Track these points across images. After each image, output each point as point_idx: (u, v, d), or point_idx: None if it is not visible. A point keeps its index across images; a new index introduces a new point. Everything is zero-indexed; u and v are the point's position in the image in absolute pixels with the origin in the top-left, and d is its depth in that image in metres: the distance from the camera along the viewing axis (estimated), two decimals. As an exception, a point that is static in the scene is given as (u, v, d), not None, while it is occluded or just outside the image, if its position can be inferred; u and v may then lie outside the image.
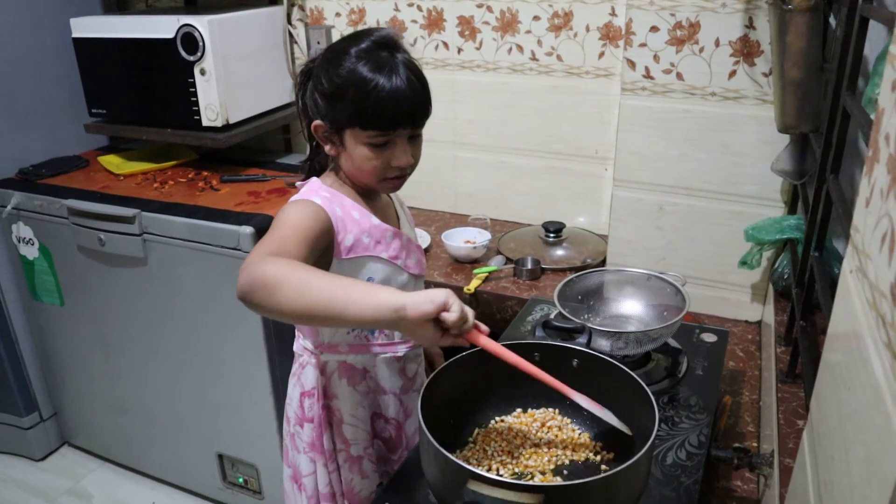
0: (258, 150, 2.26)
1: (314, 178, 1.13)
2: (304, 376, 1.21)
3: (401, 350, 1.20)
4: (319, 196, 1.07)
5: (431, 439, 0.79)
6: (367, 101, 1.00)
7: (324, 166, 1.16)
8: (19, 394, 2.20)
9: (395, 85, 0.99)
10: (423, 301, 0.83)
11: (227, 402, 1.88)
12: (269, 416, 1.82)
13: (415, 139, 1.07)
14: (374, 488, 1.26)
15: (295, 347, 1.23)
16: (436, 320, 0.84)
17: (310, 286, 0.87)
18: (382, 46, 1.02)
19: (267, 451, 1.88)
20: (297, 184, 1.15)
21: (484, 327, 0.90)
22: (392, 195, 1.23)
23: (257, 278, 0.88)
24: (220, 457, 1.99)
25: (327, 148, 1.09)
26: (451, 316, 0.83)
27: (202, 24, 1.77)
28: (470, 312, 0.86)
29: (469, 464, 0.86)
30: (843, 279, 0.69)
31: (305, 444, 1.22)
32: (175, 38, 1.81)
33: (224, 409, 1.90)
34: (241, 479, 1.99)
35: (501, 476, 0.87)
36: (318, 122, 1.07)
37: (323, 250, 1.05)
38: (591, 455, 0.95)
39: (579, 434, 0.97)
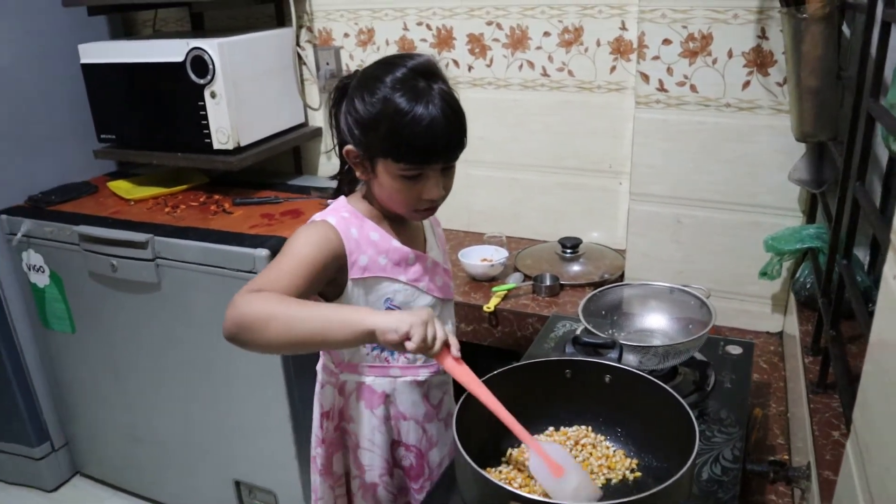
0: (269, 173, 2.25)
1: (341, 198, 1.13)
2: (323, 396, 1.20)
3: (422, 374, 1.17)
4: (337, 216, 1.07)
5: (469, 460, 0.77)
6: (402, 135, 0.96)
7: (353, 185, 1.15)
8: (31, 424, 2.18)
9: (431, 119, 0.95)
10: (389, 329, 0.87)
11: (244, 426, 1.86)
12: (287, 441, 1.79)
13: (448, 170, 1.05)
14: None
15: (317, 366, 1.22)
16: None
17: (290, 320, 0.91)
18: (419, 75, 0.98)
19: (286, 476, 1.85)
20: (329, 202, 1.14)
21: (455, 351, 0.91)
22: None
23: (240, 320, 0.93)
24: (237, 483, 1.96)
25: (359, 173, 1.07)
26: (410, 346, 0.87)
27: (212, 47, 1.77)
28: (439, 338, 0.89)
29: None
30: (885, 285, 0.68)
31: (321, 466, 1.21)
32: (185, 61, 1.81)
33: (241, 433, 1.88)
34: (257, 506, 1.97)
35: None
36: (350, 146, 1.04)
37: (335, 272, 1.04)
38: (626, 473, 0.93)
39: (614, 451, 0.96)
